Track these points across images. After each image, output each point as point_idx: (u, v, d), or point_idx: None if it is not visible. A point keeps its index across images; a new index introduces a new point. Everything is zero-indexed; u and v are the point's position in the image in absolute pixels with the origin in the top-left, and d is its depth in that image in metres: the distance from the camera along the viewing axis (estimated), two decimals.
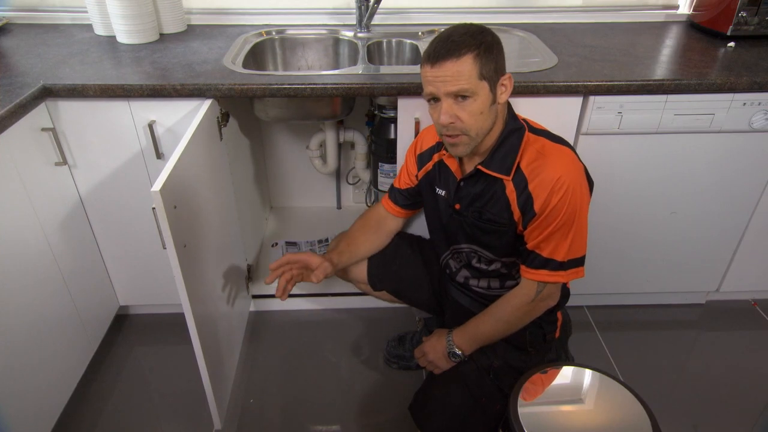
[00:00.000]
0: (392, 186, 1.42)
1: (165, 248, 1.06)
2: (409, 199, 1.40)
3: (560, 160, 1.10)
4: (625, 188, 1.55)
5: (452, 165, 1.22)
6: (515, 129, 1.13)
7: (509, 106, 1.16)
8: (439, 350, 1.29)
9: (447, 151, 1.19)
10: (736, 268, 1.73)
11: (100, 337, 1.62)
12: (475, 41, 1.02)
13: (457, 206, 1.22)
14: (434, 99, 1.08)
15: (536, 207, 1.09)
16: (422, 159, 1.31)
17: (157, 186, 1.00)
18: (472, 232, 1.23)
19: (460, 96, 1.04)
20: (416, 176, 1.34)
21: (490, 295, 1.31)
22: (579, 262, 1.15)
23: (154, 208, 1.01)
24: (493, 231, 1.18)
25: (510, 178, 1.12)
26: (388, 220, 1.44)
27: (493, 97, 1.07)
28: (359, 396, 1.56)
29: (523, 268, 1.17)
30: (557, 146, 1.12)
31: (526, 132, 1.13)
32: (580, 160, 1.14)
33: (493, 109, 1.08)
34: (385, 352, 1.66)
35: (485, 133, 1.10)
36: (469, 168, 1.19)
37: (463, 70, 1.01)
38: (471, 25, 1.05)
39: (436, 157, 1.27)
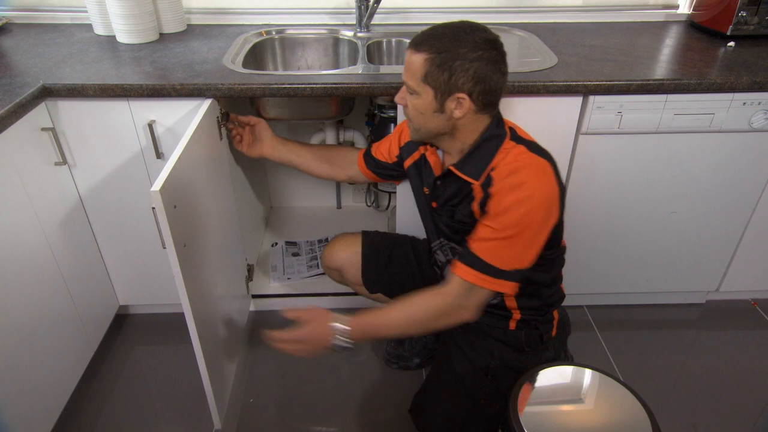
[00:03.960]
0: (370, 147, 1.42)
1: (165, 248, 1.06)
2: (377, 169, 1.40)
3: (532, 168, 1.04)
4: (625, 188, 1.55)
5: (432, 162, 1.21)
6: (494, 136, 1.08)
7: (499, 115, 1.10)
8: (321, 340, 1.10)
9: None
10: (736, 268, 1.73)
11: (100, 337, 1.62)
12: (439, 45, 0.98)
13: (434, 204, 1.21)
14: None
15: (490, 204, 1.05)
16: (409, 147, 1.30)
17: (157, 186, 1.00)
18: (447, 231, 1.22)
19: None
20: (399, 157, 1.33)
21: None
22: (515, 276, 1.06)
23: (153, 208, 1.01)
24: (464, 231, 1.16)
25: (479, 183, 1.08)
26: (353, 168, 1.45)
27: (439, 106, 1.03)
28: (359, 396, 1.56)
29: (455, 262, 1.09)
30: (535, 157, 1.06)
31: (506, 139, 1.08)
32: (559, 180, 1.07)
33: (440, 117, 1.04)
34: (384, 352, 1.66)
35: (429, 132, 1.09)
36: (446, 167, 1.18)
37: (412, 64, 1.01)
38: (467, 32, 1.00)
39: (422, 149, 1.25)
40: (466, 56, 0.98)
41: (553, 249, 1.19)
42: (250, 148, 1.46)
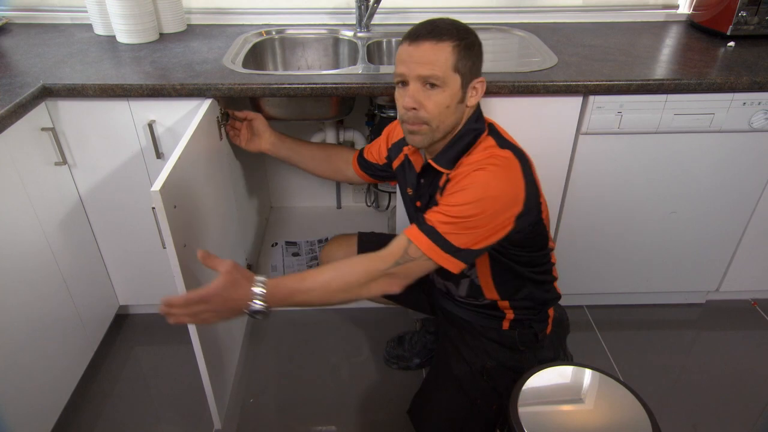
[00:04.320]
0: (363, 149, 1.42)
1: (165, 248, 1.06)
2: (370, 170, 1.41)
3: (495, 160, 1.02)
4: (625, 188, 1.55)
5: (414, 161, 1.20)
6: (473, 129, 1.07)
7: (478, 108, 1.10)
8: (237, 301, 0.99)
9: (407, 140, 1.13)
10: (736, 268, 1.73)
11: (100, 337, 1.62)
12: (458, 33, 1.00)
13: (418, 204, 1.21)
14: (403, 82, 1.03)
15: (448, 186, 1.05)
16: (395, 148, 1.30)
17: (157, 186, 0.99)
18: None
19: (429, 83, 0.99)
20: (388, 159, 1.33)
21: (453, 297, 1.29)
22: (465, 256, 1.02)
23: (153, 208, 1.01)
24: None
25: (449, 172, 1.07)
26: (349, 168, 1.45)
27: (463, 95, 1.03)
28: (359, 396, 1.56)
29: (411, 225, 1.06)
30: (503, 152, 1.04)
31: (484, 134, 1.07)
32: (527, 179, 1.03)
33: (459, 107, 1.04)
34: (384, 352, 1.66)
35: (447, 128, 1.05)
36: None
37: (439, 55, 0.98)
38: (457, 21, 1.03)
39: (405, 150, 1.24)
40: (476, 41, 1.02)
41: (541, 250, 1.17)
42: (248, 143, 1.46)
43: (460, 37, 0.99)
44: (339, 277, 1.04)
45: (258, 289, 0.99)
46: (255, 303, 0.98)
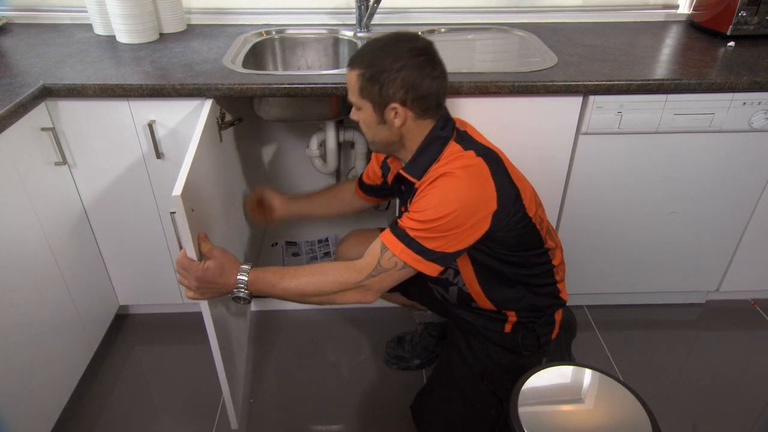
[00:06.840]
0: (361, 176, 1.43)
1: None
2: (373, 193, 1.42)
3: (459, 162, 1.03)
4: (624, 188, 1.55)
5: (394, 170, 1.21)
6: (439, 137, 1.07)
7: (445, 117, 1.09)
8: (222, 286, 1.08)
9: None
10: (736, 268, 1.73)
11: (100, 337, 1.62)
12: (369, 61, 1.01)
13: (402, 209, 1.21)
14: None
15: (415, 195, 1.07)
16: (385, 165, 1.30)
17: (178, 190, 0.97)
18: None
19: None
20: (383, 176, 1.33)
21: (444, 300, 1.29)
22: (438, 258, 1.03)
23: (173, 213, 0.98)
24: None
25: (418, 182, 1.08)
26: (357, 199, 1.47)
27: (380, 118, 1.05)
28: (359, 396, 1.56)
29: (385, 230, 1.08)
30: (468, 157, 1.05)
31: (451, 141, 1.07)
32: (498, 181, 1.03)
33: (384, 127, 1.06)
34: (384, 352, 1.66)
35: (381, 143, 1.11)
36: None
37: (350, 82, 1.05)
38: (393, 43, 1.02)
39: (391, 161, 1.25)
40: (392, 67, 1.00)
41: (534, 249, 1.16)
42: (268, 215, 1.50)
43: (366, 66, 1.01)
44: (314, 283, 1.08)
45: (242, 277, 1.08)
46: (238, 290, 1.08)
